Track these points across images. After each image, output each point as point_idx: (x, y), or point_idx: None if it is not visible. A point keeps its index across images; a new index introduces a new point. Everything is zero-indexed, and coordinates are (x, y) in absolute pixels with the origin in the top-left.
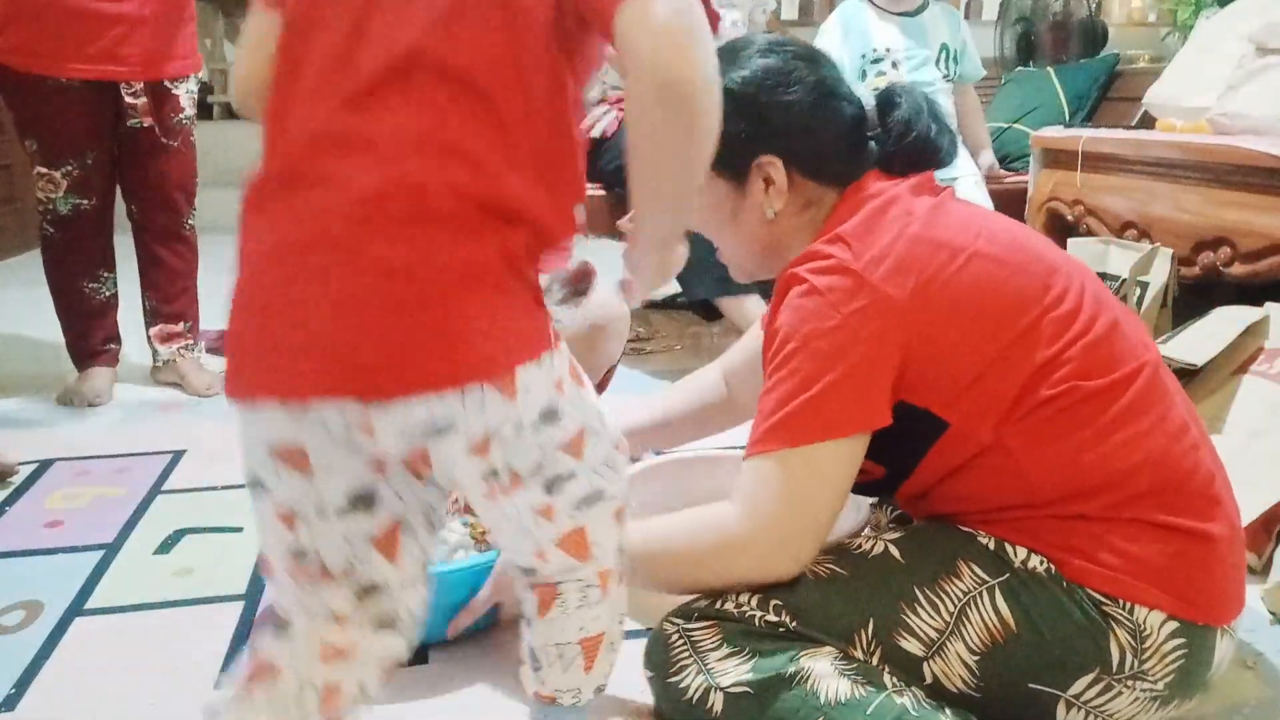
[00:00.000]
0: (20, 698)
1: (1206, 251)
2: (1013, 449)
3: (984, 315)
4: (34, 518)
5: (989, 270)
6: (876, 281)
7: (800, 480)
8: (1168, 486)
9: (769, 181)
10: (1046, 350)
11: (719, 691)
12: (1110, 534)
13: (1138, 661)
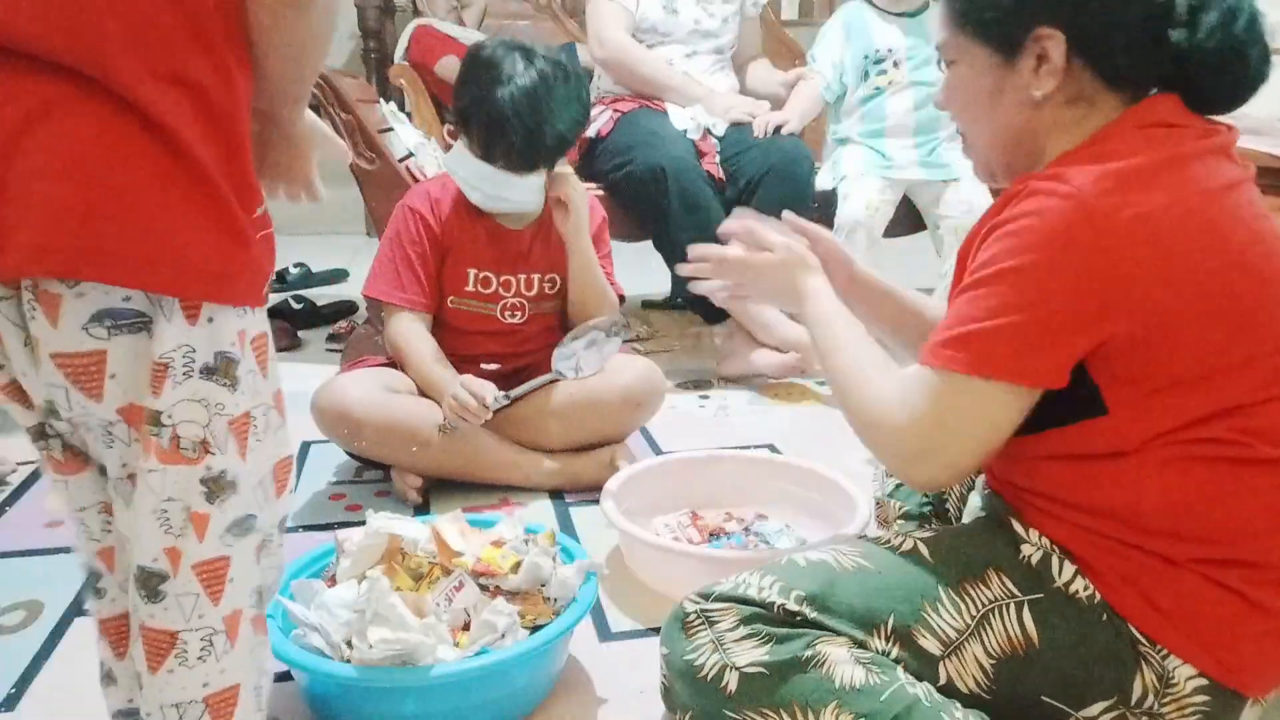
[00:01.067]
0: (20, 697)
1: None
2: (1147, 470)
3: (1223, 326)
4: (34, 518)
5: (1249, 283)
6: (1127, 246)
7: (960, 409)
8: (1258, 558)
9: (1043, 58)
10: (1254, 393)
11: (734, 670)
12: (1181, 582)
13: (1158, 704)
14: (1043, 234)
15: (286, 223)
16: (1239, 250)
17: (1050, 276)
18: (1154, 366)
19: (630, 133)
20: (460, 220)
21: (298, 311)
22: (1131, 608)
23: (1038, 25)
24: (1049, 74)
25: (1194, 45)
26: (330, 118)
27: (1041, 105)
